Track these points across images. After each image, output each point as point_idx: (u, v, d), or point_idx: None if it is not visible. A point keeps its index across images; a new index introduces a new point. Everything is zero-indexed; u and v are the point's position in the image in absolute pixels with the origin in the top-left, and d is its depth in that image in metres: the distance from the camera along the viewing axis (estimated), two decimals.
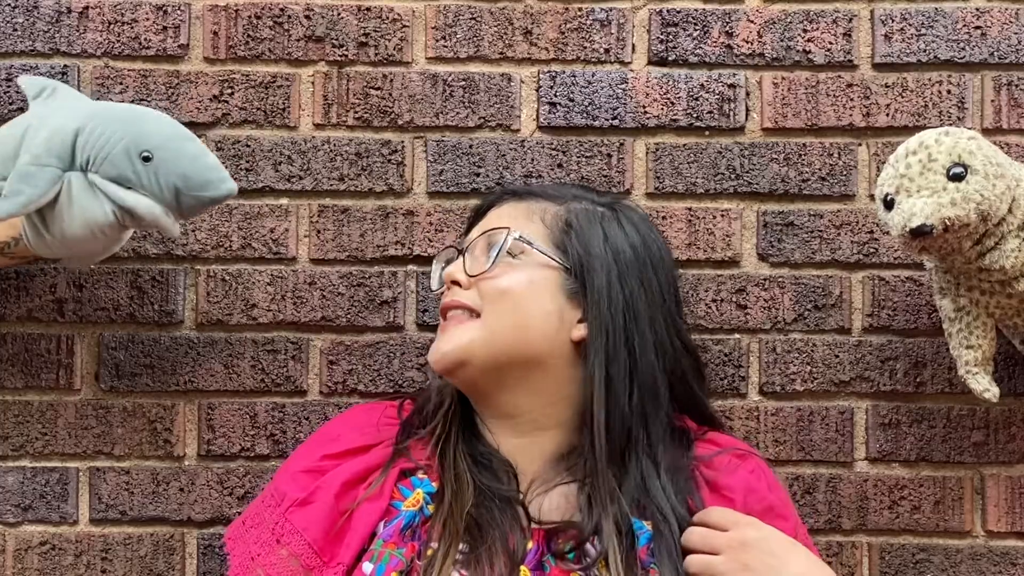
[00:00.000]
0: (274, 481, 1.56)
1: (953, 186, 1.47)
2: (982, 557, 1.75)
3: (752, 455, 1.57)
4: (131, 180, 1.50)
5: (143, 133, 1.51)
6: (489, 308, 1.49)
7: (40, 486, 1.76)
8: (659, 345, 1.51)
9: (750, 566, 1.38)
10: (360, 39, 1.80)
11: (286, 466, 1.56)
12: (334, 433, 1.57)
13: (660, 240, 1.58)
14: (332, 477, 1.49)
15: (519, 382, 1.50)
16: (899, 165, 1.51)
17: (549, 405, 1.51)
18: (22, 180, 1.50)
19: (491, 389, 1.51)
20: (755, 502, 1.49)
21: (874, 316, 1.78)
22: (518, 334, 1.49)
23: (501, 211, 1.57)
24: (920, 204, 1.47)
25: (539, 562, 1.44)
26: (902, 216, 1.48)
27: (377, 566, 1.42)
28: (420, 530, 1.45)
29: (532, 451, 1.51)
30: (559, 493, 1.49)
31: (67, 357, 1.77)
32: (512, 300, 1.49)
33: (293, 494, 1.49)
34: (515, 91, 1.80)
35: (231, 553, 1.51)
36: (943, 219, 1.46)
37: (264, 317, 1.78)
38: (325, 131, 1.79)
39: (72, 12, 1.79)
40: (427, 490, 1.48)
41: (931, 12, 1.79)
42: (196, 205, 1.53)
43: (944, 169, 1.48)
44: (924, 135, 1.52)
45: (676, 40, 1.80)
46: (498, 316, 1.49)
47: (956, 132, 1.52)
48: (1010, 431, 1.77)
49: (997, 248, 1.53)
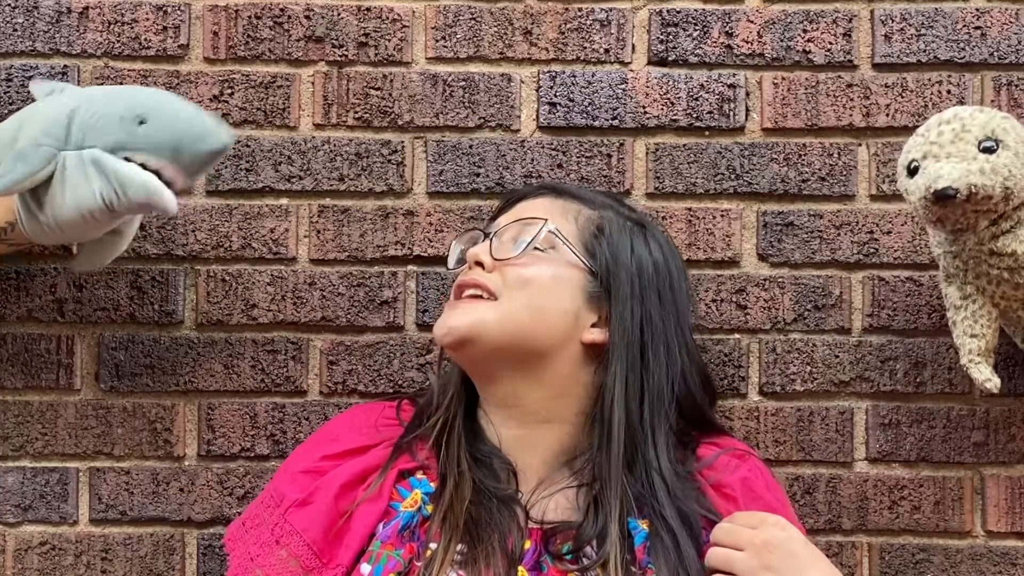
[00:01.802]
0: (273, 482, 1.56)
1: (984, 156, 1.48)
2: (982, 557, 1.75)
3: (751, 455, 1.58)
4: (127, 144, 1.49)
5: (138, 100, 1.52)
6: (508, 294, 1.50)
7: (40, 486, 1.76)
8: (670, 361, 1.53)
9: (771, 566, 1.38)
10: (360, 39, 1.80)
11: (285, 467, 1.56)
12: (333, 434, 1.57)
13: (680, 263, 1.61)
14: (331, 478, 1.49)
15: (522, 370, 1.50)
16: (930, 133, 1.52)
17: (551, 399, 1.51)
18: (16, 159, 1.51)
19: (493, 372, 1.51)
20: (752, 500, 1.49)
21: (874, 316, 1.78)
22: (531, 324, 1.49)
23: (536, 203, 1.57)
24: (948, 168, 1.48)
25: (536, 562, 1.44)
26: (927, 178, 1.49)
27: (375, 567, 1.42)
28: (419, 531, 1.45)
29: (533, 445, 1.51)
30: (561, 495, 1.50)
31: (67, 357, 1.77)
32: (533, 290, 1.50)
33: (292, 495, 1.49)
34: (515, 91, 1.80)
35: (231, 553, 1.51)
36: (970, 185, 1.46)
37: (264, 317, 1.78)
38: (325, 131, 1.79)
39: (72, 12, 1.79)
40: (425, 490, 1.48)
41: (931, 12, 1.79)
42: (197, 162, 1.51)
43: (976, 140, 1.49)
44: (958, 108, 1.54)
45: (676, 40, 1.80)
46: (515, 303, 1.49)
47: (990, 110, 1.54)
48: (1010, 431, 1.77)
49: (1012, 232, 1.53)
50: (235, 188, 1.78)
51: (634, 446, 1.49)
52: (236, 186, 1.78)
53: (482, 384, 1.54)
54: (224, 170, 1.78)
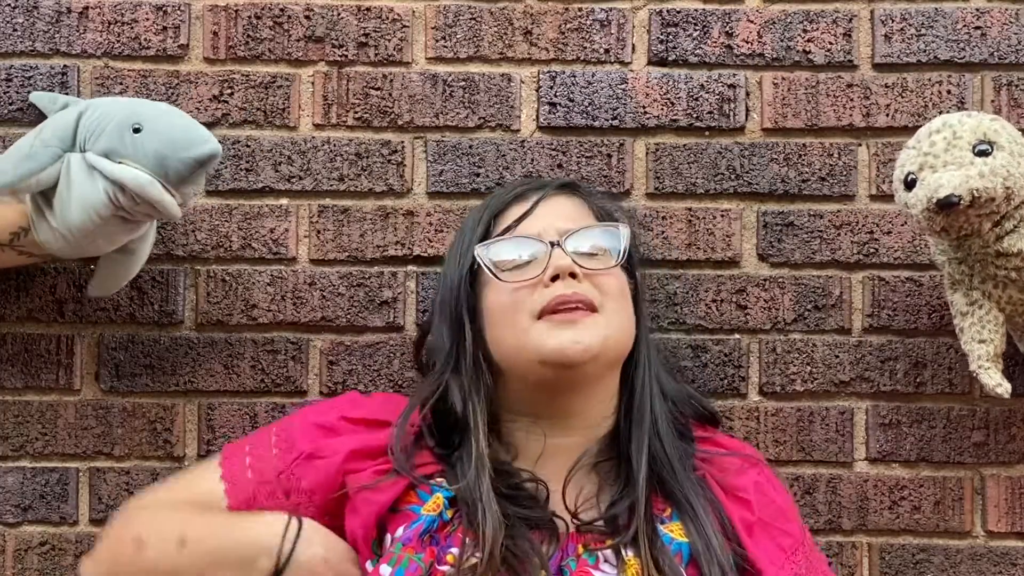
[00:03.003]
0: (284, 423, 1.56)
1: (980, 160, 1.49)
2: (982, 557, 1.75)
3: (759, 461, 1.58)
4: (120, 151, 1.52)
5: (137, 110, 1.55)
6: (610, 305, 1.48)
7: (40, 486, 1.76)
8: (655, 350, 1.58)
9: None
10: (360, 39, 1.80)
11: (303, 413, 1.56)
12: (356, 401, 1.57)
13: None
14: (344, 440, 1.49)
15: (600, 382, 1.50)
16: (922, 144, 1.53)
17: (599, 403, 1.52)
18: (23, 158, 1.54)
19: (584, 386, 1.50)
20: (766, 504, 1.50)
21: (874, 316, 1.78)
22: (627, 336, 1.51)
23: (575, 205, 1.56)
24: (947, 176, 1.48)
25: (559, 567, 1.42)
26: (927, 189, 1.49)
27: (396, 569, 1.41)
28: (439, 535, 1.44)
29: (574, 449, 1.50)
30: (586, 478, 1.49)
31: (67, 357, 1.77)
32: (621, 302, 1.50)
33: (303, 446, 1.49)
34: (515, 91, 1.80)
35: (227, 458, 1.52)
36: (971, 190, 1.47)
37: (264, 317, 1.78)
38: (325, 131, 1.79)
39: (72, 12, 1.79)
40: (447, 495, 1.46)
41: (931, 12, 1.79)
42: (183, 169, 1.53)
43: (970, 145, 1.50)
44: (946, 116, 1.54)
45: (676, 40, 1.80)
46: (615, 315, 1.49)
47: (978, 114, 1.54)
48: (1010, 431, 1.77)
49: (1016, 231, 1.53)
50: (235, 188, 1.78)
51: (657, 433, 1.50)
52: (236, 186, 1.78)
53: (552, 399, 1.50)
54: (224, 170, 1.78)
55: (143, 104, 1.58)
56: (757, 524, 1.48)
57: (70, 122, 1.55)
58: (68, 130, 1.54)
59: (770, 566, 1.45)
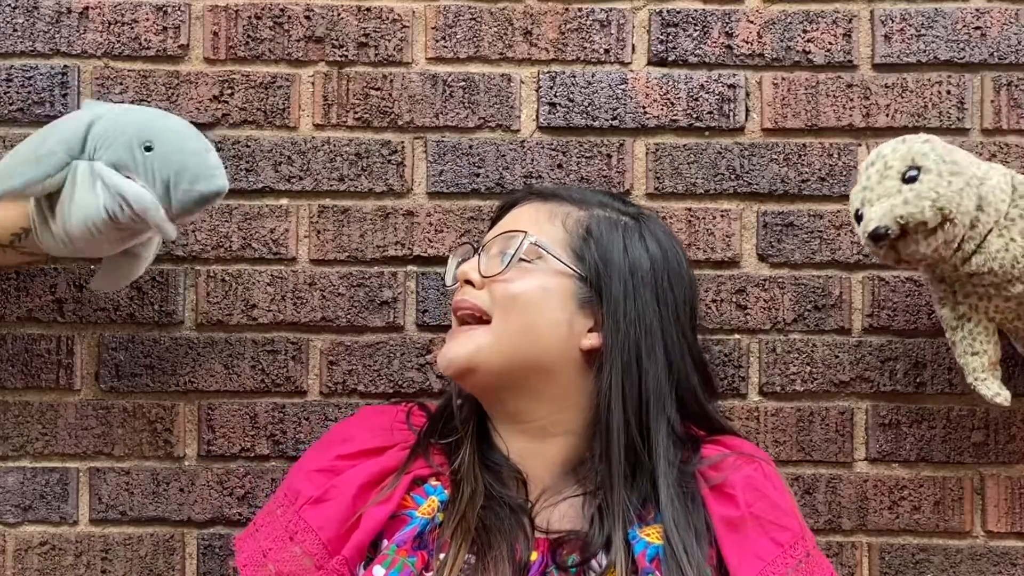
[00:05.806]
0: (286, 481, 1.55)
1: (907, 187, 1.49)
2: (982, 557, 1.75)
3: (759, 459, 1.54)
4: (129, 167, 1.50)
5: (151, 126, 1.52)
6: (499, 313, 1.48)
7: (40, 486, 1.76)
8: (670, 361, 1.51)
9: None
10: (360, 39, 1.80)
11: (299, 466, 1.56)
12: (346, 434, 1.56)
13: (682, 257, 1.57)
14: (349, 478, 1.48)
15: (527, 388, 1.49)
16: (861, 179, 1.55)
17: (558, 412, 1.50)
18: (31, 163, 1.53)
19: (500, 394, 1.50)
20: (757, 499, 1.47)
21: (874, 316, 1.78)
22: (526, 342, 1.48)
23: (522, 211, 1.55)
24: (874, 209, 1.50)
25: (543, 574, 1.43)
26: (862, 226, 1.52)
27: (390, 572, 1.41)
28: (429, 539, 1.45)
29: (542, 456, 1.51)
30: (567, 504, 1.49)
31: (67, 357, 1.77)
32: (522, 306, 1.48)
33: (308, 492, 1.48)
34: (515, 91, 1.80)
35: (239, 551, 1.50)
36: (895, 218, 1.48)
37: (264, 317, 1.78)
38: (325, 131, 1.79)
39: (72, 12, 1.79)
40: (441, 498, 1.47)
41: (931, 12, 1.79)
42: (187, 201, 1.51)
43: (899, 174, 1.51)
44: (882, 147, 1.55)
45: (676, 40, 1.80)
46: (507, 323, 1.47)
47: (912, 138, 1.54)
48: (1010, 431, 1.77)
49: (980, 251, 1.53)
50: (235, 188, 1.78)
51: (635, 452, 1.47)
52: (236, 186, 1.78)
53: (489, 404, 1.53)
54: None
55: (156, 119, 1.55)
56: (745, 519, 1.45)
57: (79, 129, 1.53)
58: (77, 137, 1.53)
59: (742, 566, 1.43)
